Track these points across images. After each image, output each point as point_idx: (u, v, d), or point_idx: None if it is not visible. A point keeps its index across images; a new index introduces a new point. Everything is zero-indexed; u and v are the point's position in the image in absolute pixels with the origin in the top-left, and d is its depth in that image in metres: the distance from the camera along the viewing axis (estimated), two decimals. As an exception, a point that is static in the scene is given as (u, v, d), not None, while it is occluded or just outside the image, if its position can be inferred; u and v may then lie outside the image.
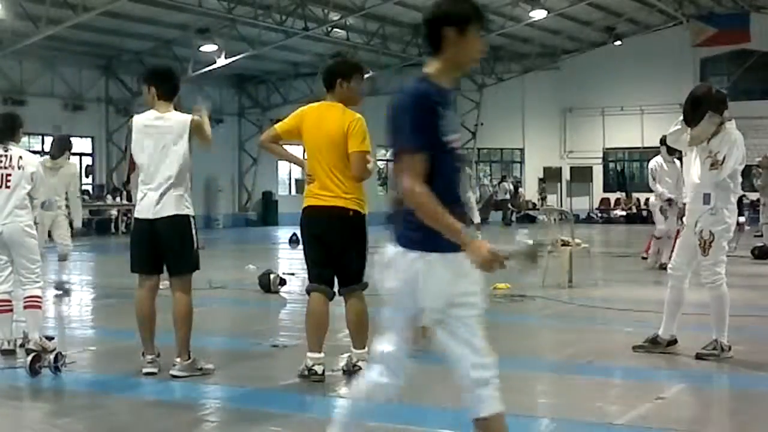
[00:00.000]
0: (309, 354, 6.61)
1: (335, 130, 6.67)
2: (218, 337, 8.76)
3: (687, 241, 7.47)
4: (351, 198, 6.68)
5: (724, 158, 7.15)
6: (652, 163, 14.68)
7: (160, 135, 6.78)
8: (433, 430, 5.44)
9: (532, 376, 6.98)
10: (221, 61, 29.96)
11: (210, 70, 30.27)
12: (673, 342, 7.54)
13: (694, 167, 7.42)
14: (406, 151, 3.69)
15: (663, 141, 14.49)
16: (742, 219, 26.15)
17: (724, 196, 7.28)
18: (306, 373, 6.58)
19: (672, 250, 14.62)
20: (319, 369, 6.55)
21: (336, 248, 6.68)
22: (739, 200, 8.52)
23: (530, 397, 6.34)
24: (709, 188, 7.23)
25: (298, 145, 6.85)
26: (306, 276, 6.96)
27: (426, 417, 5.69)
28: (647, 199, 31.46)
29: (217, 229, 33.08)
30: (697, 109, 7.23)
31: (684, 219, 7.66)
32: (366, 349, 6.71)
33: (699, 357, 7.21)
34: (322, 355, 6.61)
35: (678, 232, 16.34)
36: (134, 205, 7.03)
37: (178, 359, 6.69)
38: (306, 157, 6.82)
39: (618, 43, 36.61)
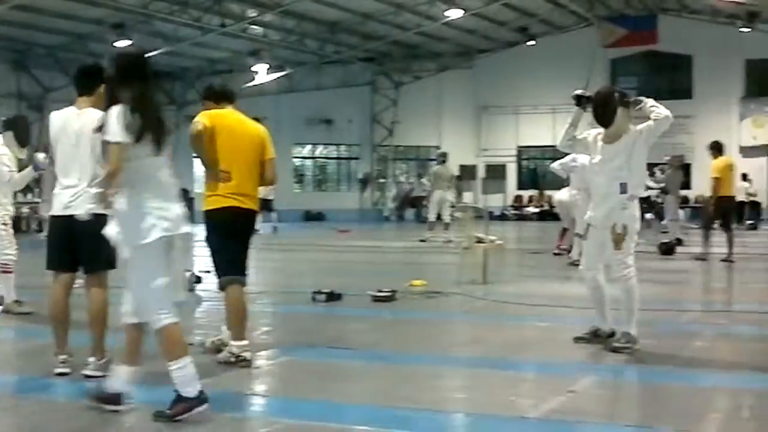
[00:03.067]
0: (236, 342, 6.96)
1: (256, 135, 7.34)
2: (133, 335, 8.66)
3: (596, 240, 7.67)
4: (257, 200, 7.34)
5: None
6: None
7: (76, 132, 6.71)
8: (350, 426, 5.47)
9: (447, 372, 7.07)
10: (136, 57, 29.54)
11: (124, 66, 29.87)
12: (612, 334, 7.72)
13: (601, 167, 7.62)
14: None
15: None
16: (649, 216, 26.84)
17: (638, 185, 7.55)
18: (233, 360, 6.88)
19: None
20: (248, 355, 6.94)
21: (245, 245, 7.27)
22: (647, 198, 8.85)
23: (445, 392, 6.41)
24: (625, 178, 7.46)
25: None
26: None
27: (342, 413, 5.72)
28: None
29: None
30: (608, 110, 7.49)
31: (587, 218, 7.85)
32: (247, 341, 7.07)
33: (614, 350, 7.40)
34: (248, 342, 7.02)
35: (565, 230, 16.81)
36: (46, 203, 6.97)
37: (92, 358, 6.61)
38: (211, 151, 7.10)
39: (531, 43, 37.09)
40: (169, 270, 5.59)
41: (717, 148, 16.49)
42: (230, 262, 7.17)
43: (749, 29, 33.65)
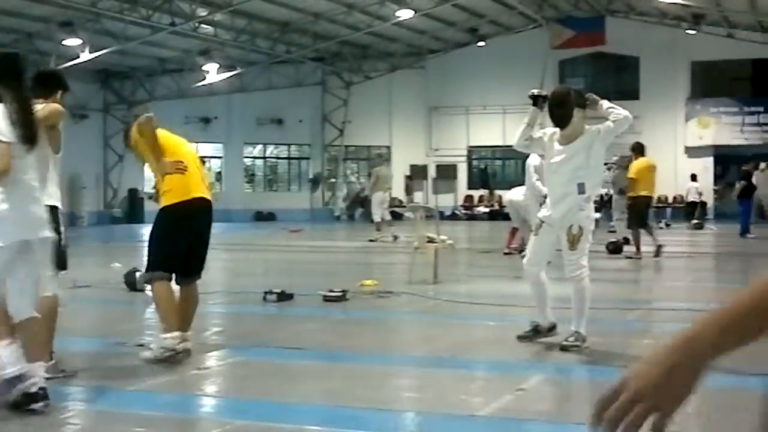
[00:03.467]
0: (173, 334, 7.03)
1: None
2: (82, 337, 8.62)
3: (548, 238, 7.73)
4: None
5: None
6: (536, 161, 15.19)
7: None
8: (302, 426, 5.50)
9: (398, 371, 7.11)
10: (85, 56, 29.27)
11: (74, 65, 29.60)
12: (553, 327, 7.83)
13: (559, 167, 7.67)
14: None
15: None
16: (597, 215, 27.11)
17: (595, 186, 7.68)
18: (168, 354, 6.99)
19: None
20: (188, 345, 7.10)
21: (205, 240, 7.41)
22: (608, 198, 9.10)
23: (396, 391, 6.46)
24: (583, 178, 7.52)
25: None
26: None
27: (293, 413, 5.75)
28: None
29: (82, 227, 32.34)
30: (563, 110, 7.54)
31: (541, 215, 7.89)
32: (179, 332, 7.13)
33: (563, 349, 7.49)
34: (179, 333, 7.09)
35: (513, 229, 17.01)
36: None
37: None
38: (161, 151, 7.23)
39: (481, 43, 37.29)
40: (27, 271, 5.65)
41: (638, 150, 17.19)
42: (168, 257, 7.22)
43: (695, 31, 34.15)
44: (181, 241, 7.25)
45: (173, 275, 7.29)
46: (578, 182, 7.51)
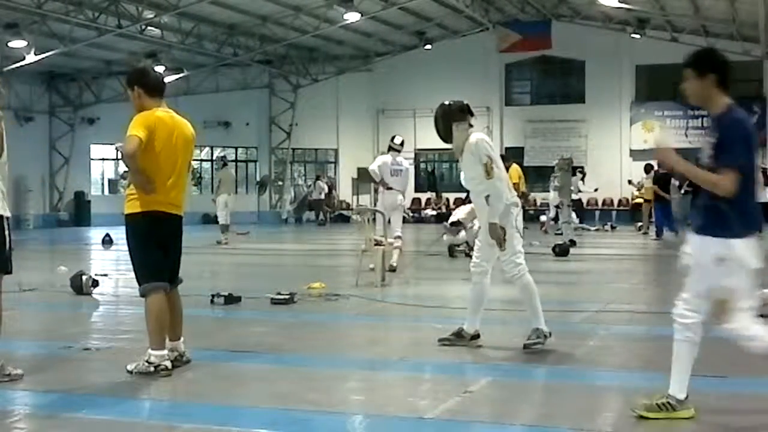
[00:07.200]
0: (157, 352, 6.82)
1: (189, 139, 7.22)
2: (28, 341, 8.53)
3: (485, 240, 7.87)
4: (183, 206, 7.30)
5: (489, 161, 7.62)
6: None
7: None
8: (250, 430, 5.51)
9: (346, 374, 7.14)
10: (31, 58, 28.92)
11: (19, 67, 29.23)
12: (477, 336, 7.95)
13: (467, 181, 7.97)
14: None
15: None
16: (543, 218, 27.34)
17: (501, 195, 7.71)
18: (152, 369, 6.74)
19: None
20: (168, 364, 6.83)
21: (176, 251, 7.29)
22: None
23: (344, 394, 6.49)
24: (485, 191, 7.67)
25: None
26: (133, 277, 7.20)
27: (241, 416, 5.75)
28: (456, 199, 32.59)
29: (27, 230, 31.93)
30: (443, 125, 7.89)
31: (476, 220, 8.13)
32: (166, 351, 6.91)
33: (526, 347, 7.63)
34: (166, 351, 6.90)
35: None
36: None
37: (-17, 364, 6.51)
38: (146, 161, 6.85)
39: (428, 47, 37.42)
40: None
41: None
42: (156, 268, 7.03)
43: (639, 35, 34.58)
44: (161, 252, 7.11)
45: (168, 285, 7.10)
46: (485, 195, 7.71)
